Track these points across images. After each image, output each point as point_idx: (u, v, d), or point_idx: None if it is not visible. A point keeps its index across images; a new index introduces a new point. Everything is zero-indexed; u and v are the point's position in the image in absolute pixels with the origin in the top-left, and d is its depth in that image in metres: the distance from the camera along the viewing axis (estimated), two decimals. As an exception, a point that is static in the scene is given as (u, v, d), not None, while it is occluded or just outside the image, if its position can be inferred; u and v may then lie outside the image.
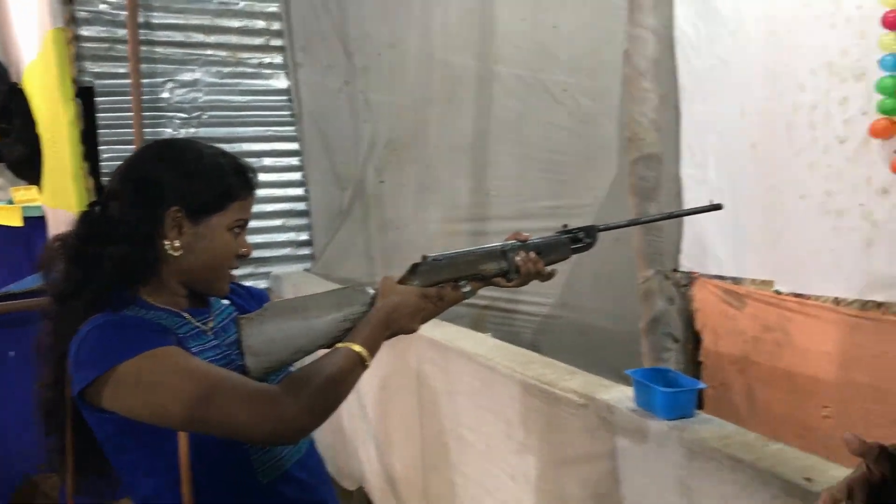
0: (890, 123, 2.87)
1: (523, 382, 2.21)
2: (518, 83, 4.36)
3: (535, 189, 4.42)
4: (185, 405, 1.16)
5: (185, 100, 4.32)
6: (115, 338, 1.21)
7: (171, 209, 1.31)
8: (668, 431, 1.69)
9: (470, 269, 1.51)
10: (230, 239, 1.36)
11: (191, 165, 1.34)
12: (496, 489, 2.47)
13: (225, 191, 1.34)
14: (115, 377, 1.17)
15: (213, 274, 1.37)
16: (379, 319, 1.36)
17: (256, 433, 1.17)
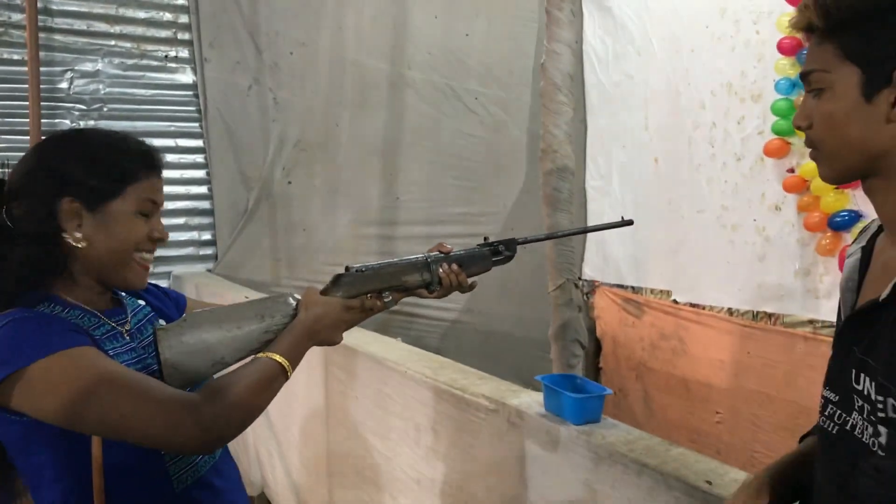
0: (783, 143, 3.04)
1: (435, 388, 2.22)
2: (431, 89, 4.38)
3: (445, 195, 4.45)
4: (98, 410, 1.11)
5: (86, 91, 4.15)
6: (29, 335, 1.14)
7: (65, 199, 1.23)
8: (576, 436, 1.73)
9: (393, 280, 1.51)
10: (136, 224, 1.28)
11: (80, 153, 1.27)
12: (401, 494, 2.47)
13: (120, 175, 1.26)
14: (26, 376, 1.11)
15: (122, 263, 1.28)
16: (301, 330, 1.33)
17: (172, 442, 1.14)
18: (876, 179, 0.98)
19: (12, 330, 1.15)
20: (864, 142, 0.95)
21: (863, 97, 0.94)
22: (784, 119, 3.03)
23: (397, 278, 1.51)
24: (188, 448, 1.16)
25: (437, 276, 1.53)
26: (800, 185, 3.01)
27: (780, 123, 3.05)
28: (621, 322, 4.00)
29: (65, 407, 1.11)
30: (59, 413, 1.12)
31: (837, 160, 0.99)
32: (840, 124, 0.96)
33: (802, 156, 3.02)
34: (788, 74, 3.01)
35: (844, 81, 0.95)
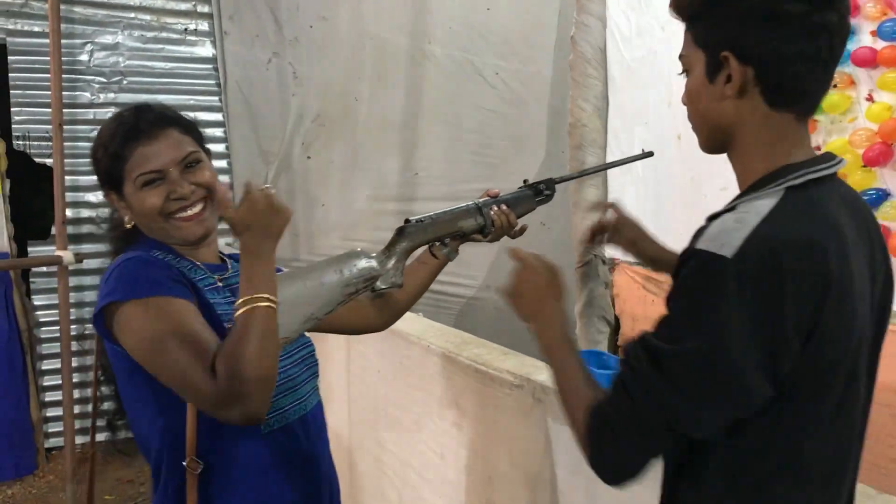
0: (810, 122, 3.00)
1: (458, 362, 2.22)
2: (450, 64, 4.35)
3: (464, 171, 4.44)
4: (162, 360, 1.19)
5: (106, 63, 4.15)
6: (132, 274, 1.25)
7: (107, 192, 1.40)
8: (603, 412, 1.73)
9: (451, 226, 1.58)
10: (144, 197, 1.34)
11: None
12: (423, 467, 2.48)
13: (108, 167, 1.36)
14: (120, 310, 1.22)
15: (159, 228, 1.37)
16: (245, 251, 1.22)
17: (213, 407, 1.15)
18: (731, 151, 1.13)
19: (123, 268, 1.27)
20: (711, 116, 1.11)
21: (707, 77, 1.09)
22: (811, 95, 2.98)
23: (454, 224, 1.57)
24: (229, 417, 1.16)
25: (489, 218, 1.59)
26: (826, 163, 2.97)
27: (807, 101, 3.00)
28: (641, 300, 3.98)
29: (140, 348, 1.21)
30: (135, 352, 1.22)
31: (699, 132, 1.17)
32: (695, 101, 1.14)
33: (829, 133, 2.99)
34: (817, 51, 2.96)
35: (696, 64, 1.11)
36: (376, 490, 2.77)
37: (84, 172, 4.16)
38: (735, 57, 1.04)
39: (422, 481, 2.51)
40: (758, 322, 0.95)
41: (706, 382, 0.98)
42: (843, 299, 0.99)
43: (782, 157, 1.07)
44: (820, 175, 1.05)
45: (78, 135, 4.09)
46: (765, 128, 1.07)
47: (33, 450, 4.14)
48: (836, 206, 1.05)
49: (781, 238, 0.97)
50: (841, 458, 1.09)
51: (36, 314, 4.18)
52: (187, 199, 1.35)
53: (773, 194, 1.02)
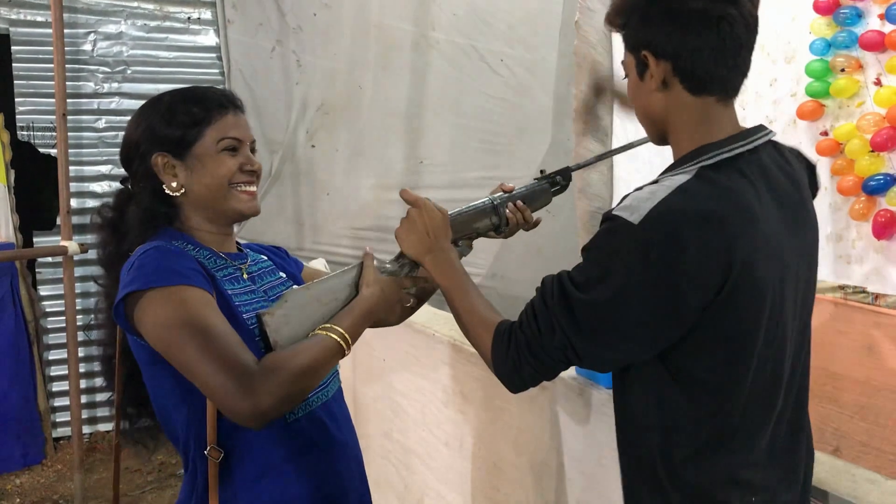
0: (817, 106, 2.97)
1: (463, 350, 2.22)
2: (454, 51, 4.32)
3: (469, 159, 4.41)
4: (179, 351, 1.20)
5: (109, 53, 4.14)
6: (152, 264, 1.26)
7: (154, 156, 1.36)
8: (608, 399, 1.72)
9: (465, 228, 1.55)
10: (223, 160, 1.38)
11: (157, 111, 1.39)
12: (428, 455, 2.49)
13: (192, 121, 1.37)
14: (141, 301, 1.23)
15: (221, 196, 1.39)
16: (363, 309, 1.39)
17: (221, 401, 1.17)
18: (669, 138, 1.26)
19: (143, 258, 1.28)
20: (647, 111, 1.25)
21: (638, 76, 1.23)
22: (818, 81, 2.96)
23: (469, 226, 1.55)
24: (236, 413, 1.18)
25: (504, 217, 1.56)
26: (833, 148, 2.95)
27: (814, 85, 2.98)
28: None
29: (158, 337, 1.22)
30: (154, 341, 1.24)
31: (644, 127, 1.31)
32: (634, 99, 1.27)
33: (836, 118, 2.96)
34: (824, 35, 2.93)
35: (630, 67, 1.24)
36: (381, 478, 2.77)
37: (89, 162, 4.17)
38: (652, 55, 1.18)
39: (427, 469, 2.51)
40: (656, 284, 1.07)
41: (607, 330, 1.13)
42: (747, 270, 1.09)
43: (703, 137, 1.19)
44: (735, 153, 1.16)
45: (82, 125, 4.09)
46: (688, 113, 1.20)
47: (41, 439, 4.15)
48: (747, 182, 1.15)
49: (683, 209, 1.08)
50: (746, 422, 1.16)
51: (42, 304, 4.19)
52: (254, 174, 1.44)
53: (688, 172, 1.14)
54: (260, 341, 1.32)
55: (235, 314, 1.32)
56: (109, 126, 4.22)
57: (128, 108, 4.24)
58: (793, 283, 1.20)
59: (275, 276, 1.52)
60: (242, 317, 1.33)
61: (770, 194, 1.18)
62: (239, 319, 1.32)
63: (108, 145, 4.23)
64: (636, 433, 1.25)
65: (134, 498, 3.79)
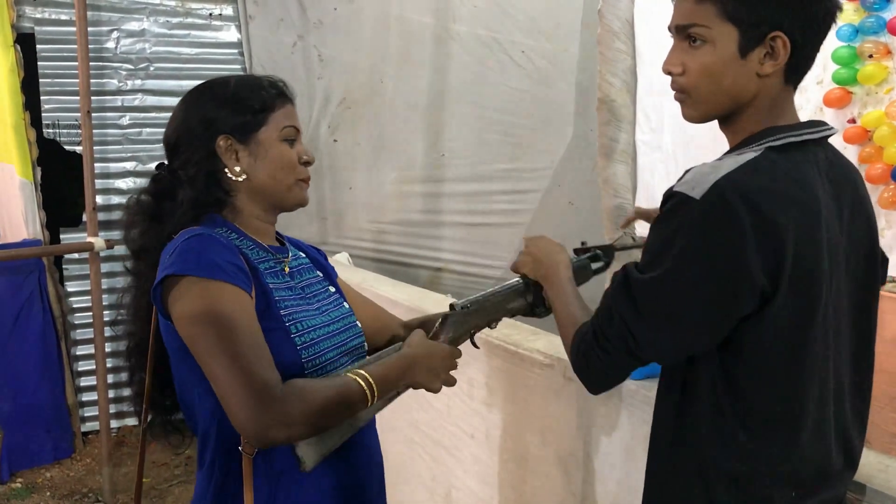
0: (844, 93, 2.93)
1: (487, 342, 2.21)
2: (476, 43, 4.32)
3: (491, 151, 4.41)
4: (203, 347, 1.20)
5: (132, 50, 4.17)
6: (194, 251, 1.24)
7: (219, 139, 1.35)
8: (635, 391, 1.71)
9: (499, 310, 1.50)
10: (286, 148, 1.38)
11: (222, 94, 1.38)
12: (455, 448, 2.48)
13: (259, 106, 1.37)
14: (179, 285, 1.22)
15: (283, 185, 1.39)
16: (399, 366, 1.35)
17: (234, 416, 1.16)
18: (733, 121, 1.17)
19: (187, 243, 1.26)
20: (735, 91, 1.14)
21: (738, 53, 1.12)
22: (845, 67, 2.92)
23: (502, 308, 1.51)
24: (244, 429, 1.17)
25: (540, 297, 1.48)
26: (861, 135, 2.91)
27: (842, 72, 2.94)
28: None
29: (186, 328, 1.22)
30: (180, 330, 1.23)
31: (707, 104, 1.18)
32: (715, 75, 1.14)
33: (864, 105, 2.92)
34: (851, 20, 2.90)
35: (723, 38, 1.12)
36: (409, 471, 2.78)
37: (114, 159, 4.21)
38: (787, 38, 1.09)
39: (454, 461, 2.51)
40: (715, 260, 1.05)
41: (664, 310, 1.10)
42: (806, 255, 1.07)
43: (772, 120, 1.15)
44: (801, 139, 1.12)
45: (106, 122, 4.12)
46: (772, 98, 1.15)
47: (70, 434, 4.20)
48: (813, 169, 1.12)
49: (748, 184, 1.05)
50: (795, 408, 1.12)
51: (69, 300, 4.23)
52: (309, 165, 1.43)
53: (753, 151, 1.10)
54: None
55: (273, 309, 1.31)
56: (133, 123, 4.25)
57: (151, 105, 4.28)
58: (847, 280, 1.17)
59: (312, 274, 1.50)
60: (280, 312, 1.32)
61: (830, 186, 1.14)
62: (276, 314, 1.31)
63: (132, 142, 4.26)
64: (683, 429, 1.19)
65: (161, 491, 3.82)
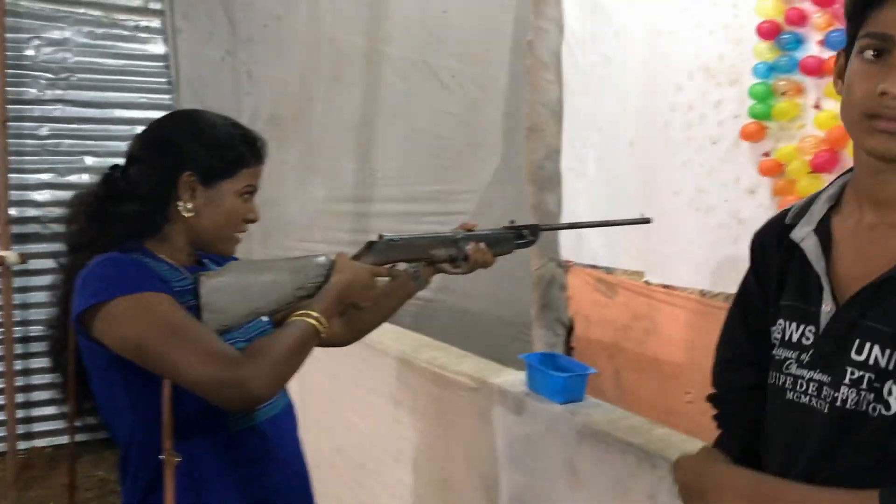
0: (760, 127, 3.06)
1: (414, 366, 2.22)
2: (407, 65, 4.35)
3: (421, 173, 4.43)
4: (158, 352, 1.24)
5: (53, 59, 4.05)
6: (116, 274, 1.30)
7: (185, 173, 1.38)
8: (560, 415, 1.74)
9: (422, 252, 1.58)
10: (239, 204, 1.43)
11: (206, 134, 1.42)
12: (379, 472, 2.48)
13: (236, 158, 1.42)
14: (106, 310, 1.26)
15: (222, 235, 1.44)
16: (334, 293, 1.43)
17: (213, 393, 1.24)
18: None
19: (103, 268, 1.31)
20: None
21: None
22: (761, 103, 3.05)
23: (425, 251, 1.59)
24: (228, 402, 1.26)
25: (464, 252, 1.59)
26: (775, 168, 3.04)
27: (758, 107, 3.07)
28: (594, 302, 4.02)
29: (132, 343, 1.26)
30: (127, 348, 1.27)
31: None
32: None
33: (778, 140, 3.06)
34: (767, 58, 3.03)
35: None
36: (333, 493, 2.75)
37: (30, 170, 4.06)
38: None
39: (378, 485, 2.50)
40: None
41: None
42: None
43: None
44: None
45: (23, 132, 3.99)
46: None
47: (-26, 455, 4.01)
48: None
49: None
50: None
51: (-22, 316, 4.06)
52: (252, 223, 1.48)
53: None
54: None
55: None
56: (53, 133, 4.11)
57: (72, 116, 4.15)
58: None
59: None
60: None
61: None
62: None
63: (50, 153, 4.12)
64: None
65: (72, 515, 3.69)
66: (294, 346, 1.32)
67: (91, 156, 4.07)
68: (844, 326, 1.02)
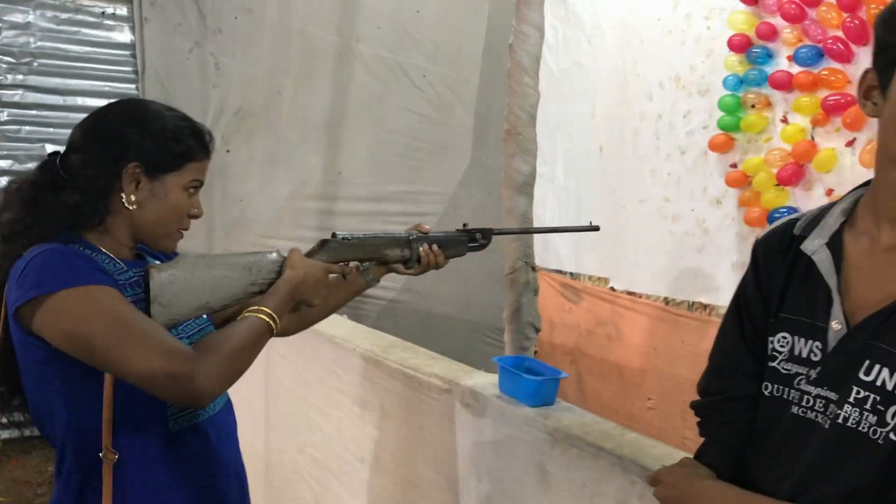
0: (728, 139, 3.10)
1: (384, 366, 2.20)
2: (378, 64, 4.33)
3: (389, 172, 4.42)
4: (105, 346, 1.21)
5: (15, 43, 3.94)
6: (58, 266, 1.25)
7: (130, 165, 1.34)
8: (532, 418, 1.74)
9: (375, 251, 1.59)
10: (184, 198, 1.39)
11: (153, 125, 1.37)
12: (343, 472, 2.45)
13: (183, 152, 1.38)
14: (48, 302, 1.22)
15: (164, 230, 1.40)
16: (286, 290, 1.42)
17: (165, 389, 1.21)
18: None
19: (44, 259, 1.26)
20: None
21: None
22: (730, 115, 3.10)
23: (379, 250, 1.59)
24: (178, 397, 1.23)
25: (416, 253, 1.61)
26: (742, 180, 3.09)
27: (726, 119, 3.12)
28: (559, 307, 4.05)
29: (78, 338, 1.22)
30: (71, 342, 1.23)
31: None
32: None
33: (745, 151, 3.10)
34: (737, 71, 3.07)
35: None
36: (293, 492, 2.72)
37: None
38: None
39: (340, 485, 2.48)
40: None
41: None
42: None
43: None
44: None
45: (-20, 116, 3.88)
46: None
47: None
48: None
49: None
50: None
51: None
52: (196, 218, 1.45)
53: None
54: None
55: None
56: (12, 119, 4.01)
57: (33, 102, 4.05)
58: None
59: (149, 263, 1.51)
60: None
61: None
62: None
63: (9, 139, 4.01)
64: None
65: (22, 511, 3.60)
66: (247, 342, 1.31)
67: (51, 143, 3.97)
68: (857, 346, 1.01)
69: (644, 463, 1.51)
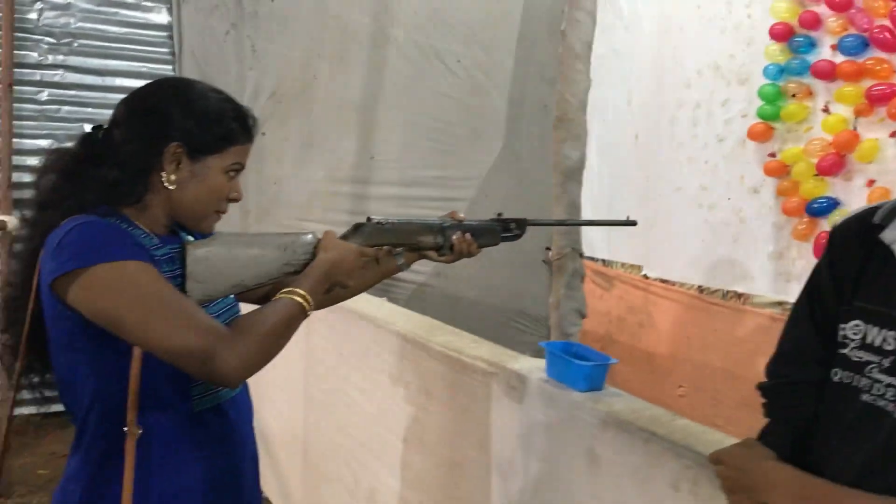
0: (767, 128, 3.11)
1: (428, 348, 2.23)
2: (412, 48, 4.33)
3: (421, 157, 4.43)
4: (142, 323, 1.21)
5: (56, 24, 3.99)
6: (99, 239, 1.25)
7: (172, 144, 1.33)
8: (581, 402, 1.77)
9: (408, 237, 1.59)
10: (224, 181, 1.39)
11: (197, 106, 1.37)
12: (384, 452, 2.49)
13: (226, 134, 1.37)
14: (87, 276, 1.22)
15: (203, 212, 1.40)
16: (321, 272, 1.41)
17: (201, 368, 1.21)
18: None
19: (81, 232, 1.25)
20: None
21: None
22: (770, 104, 3.09)
23: (412, 237, 1.60)
24: (215, 376, 1.23)
25: (450, 241, 1.61)
26: (780, 169, 3.09)
27: (766, 108, 3.11)
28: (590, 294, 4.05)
29: (115, 312, 1.22)
30: (106, 317, 1.23)
31: None
32: None
33: (784, 141, 3.10)
34: (778, 60, 3.07)
35: None
36: (333, 472, 2.77)
37: (28, 136, 4.01)
38: None
39: (380, 464, 2.52)
40: None
41: None
42: None
43: None
44: None
45: (23, 96, 3.93)
46: None
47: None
48: None
49: None
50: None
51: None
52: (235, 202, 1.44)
53: None
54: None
55: None
56: (52, 99, 4.06)
57: (72, 82, 4.10)
58: None
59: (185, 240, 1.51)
60: None
61: None
62: None
63: (49, 119, 4.06)
64: None
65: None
66: (281, 324, 1.31)
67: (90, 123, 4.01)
68: None
69: (697, 448, 1.53)
